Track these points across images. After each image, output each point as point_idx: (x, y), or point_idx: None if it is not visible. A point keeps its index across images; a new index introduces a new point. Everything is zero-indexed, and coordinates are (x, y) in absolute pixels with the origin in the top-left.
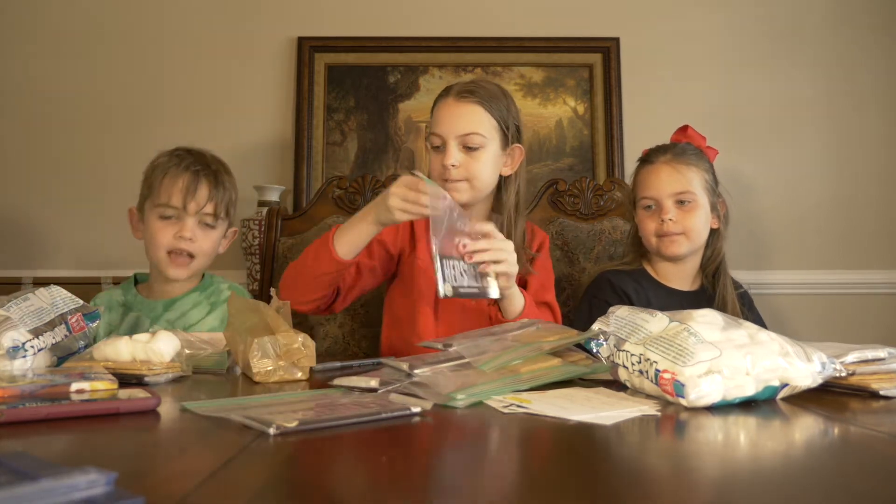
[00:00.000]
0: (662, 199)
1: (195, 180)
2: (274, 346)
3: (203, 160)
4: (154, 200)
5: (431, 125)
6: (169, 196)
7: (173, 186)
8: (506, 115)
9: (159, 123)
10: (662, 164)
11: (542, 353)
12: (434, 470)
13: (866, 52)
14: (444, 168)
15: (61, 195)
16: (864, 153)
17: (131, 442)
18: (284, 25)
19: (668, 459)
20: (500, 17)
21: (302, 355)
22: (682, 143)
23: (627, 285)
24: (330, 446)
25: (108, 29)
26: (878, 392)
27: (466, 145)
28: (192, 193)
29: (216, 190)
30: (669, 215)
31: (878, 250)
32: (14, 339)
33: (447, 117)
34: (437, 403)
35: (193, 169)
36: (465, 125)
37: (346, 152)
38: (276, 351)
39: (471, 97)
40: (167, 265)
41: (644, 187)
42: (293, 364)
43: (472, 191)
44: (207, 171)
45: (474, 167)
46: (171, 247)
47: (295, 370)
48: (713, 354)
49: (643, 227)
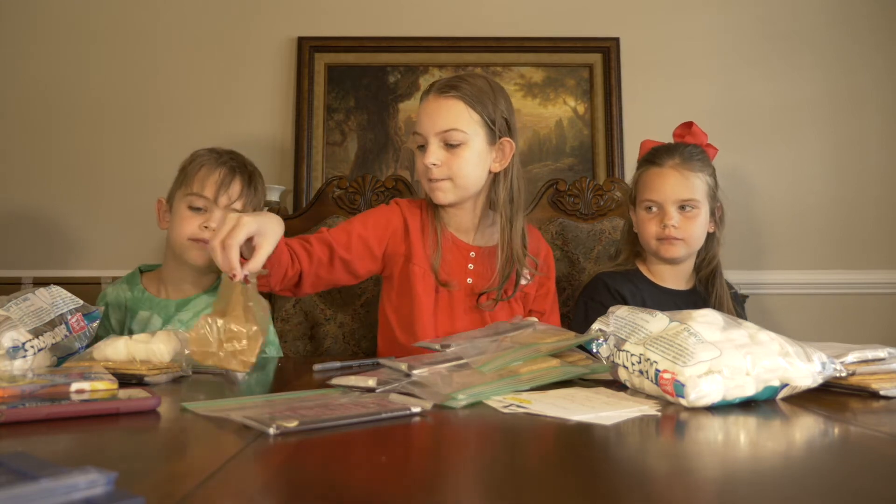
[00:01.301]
0: (667, 204)
1: (231, 175)
2: (218, 329)
3: (241, 160)
4: (186, 189)
5: (415, 124)
6: (202, 187)
7: (208, 178)
8: (491, 109)
9: (159, 123)
10: (670, 169)
11: (540, 354)
12: (434, 470)
13: (866, 52)
14: (426, 167)
15: (61, 195)
16: (864, 153)
17: (131, 442)
18: (284, 25)
19: (668, 459)
20: (500, 17)
21: (243, 347)
22: (689, 147)
23: (623, 286)
24: (330, 446)
25: (107, 29)
26: (878, 392)
27: (447, 142)
28: (226, 187)
29: (249, 189)
30: (673, 221)
31: (877, 250)
32: (14, 339)
33: (427, 114)
34: (437, 403)
35: (230, 165)
36: (445, 121)
37: (346, 152)
38: (219, 335)
39: (451, 92)
40: (188, 249)
41: (649, 189)
42: (232, 354)
43: (456, 190)
44: (243, 170)
45: (456, 165)
46: (195, 235)
47: (231, 360)
48: (713, 354)
49: (644, 229)
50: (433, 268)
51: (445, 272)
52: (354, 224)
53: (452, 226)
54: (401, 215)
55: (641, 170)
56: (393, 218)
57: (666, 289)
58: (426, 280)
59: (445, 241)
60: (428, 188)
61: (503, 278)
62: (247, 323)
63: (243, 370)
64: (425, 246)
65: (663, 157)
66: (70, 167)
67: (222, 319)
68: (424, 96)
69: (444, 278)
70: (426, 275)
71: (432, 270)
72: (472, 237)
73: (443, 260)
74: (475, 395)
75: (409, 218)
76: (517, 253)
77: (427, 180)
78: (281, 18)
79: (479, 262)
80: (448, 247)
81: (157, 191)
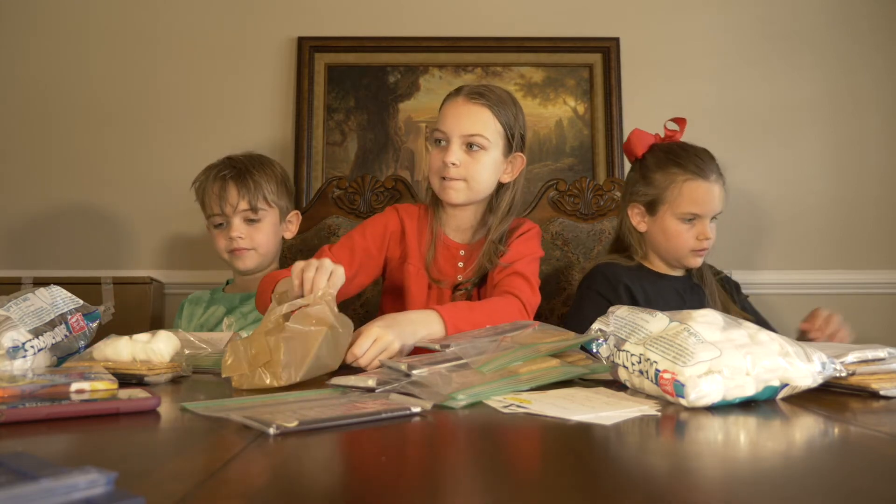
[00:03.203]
0: (707, 217)
1: (223, 185)
2: (246, 349)
3: (230, 163)
4: (206, 214)
5: (437, 122)
6: (211, 207)
7: (210, 197)
8: (513, 122)
9: (159, 123)
10: (714, 184)
11: (539, 354)
12: (434, 470)
13: (866, 52)
14: (444, 165)
15: (61, 195)
16: (864, 153)
17: (131, 442)
18: (284, 25)
19: (668, 459)
20: (500, 17)
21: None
22: (713, 157)
23: (621, 274)
24: (330, 446)
25: (107, 29)
26: (878, 392)
27: (469, 145)
28: (224, 199)
29: (244, 188)
30: (709, 234)
31: (877, 250)
32: (14, 339)
33: (454, 115)
34: (437, 403)
35: (220, 175)
36: (471, 126)
37: (346, 152)
38: (248, 355)
39: (480, 99)
40: (231, 261)
41: (693, 203)
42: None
43: (468, 191)
44: (233, 173)
45: (474, 168)
46: (229, 248)
47: (264, 375)
48: (713, 354)
49: (678, 238)
50: (426, 266)
51: (438, 270)
52: (355, 237)
53: (450, 226)
54: (398, 219)
55: (682, 178)
56: (390, 223)
57: (662, 274)
58: (419, 278)
59: (439, 241)
60: (439, 185)
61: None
62: (266, 338)
63: (280, 383)
64: (420, 246)
65: (708, 171)
66: (70, 167)
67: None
68: (451, 98)
69: (437, 276)
70: (419, 273)
71: (426, 269)
72: (463, 237)
73: (435, 259)
74: (475, 395)
75: (406, 221)
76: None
77: (440, 178)
78: (281, 18)
79: (468, 259)
80: (441, 247)
81: (157, 190)
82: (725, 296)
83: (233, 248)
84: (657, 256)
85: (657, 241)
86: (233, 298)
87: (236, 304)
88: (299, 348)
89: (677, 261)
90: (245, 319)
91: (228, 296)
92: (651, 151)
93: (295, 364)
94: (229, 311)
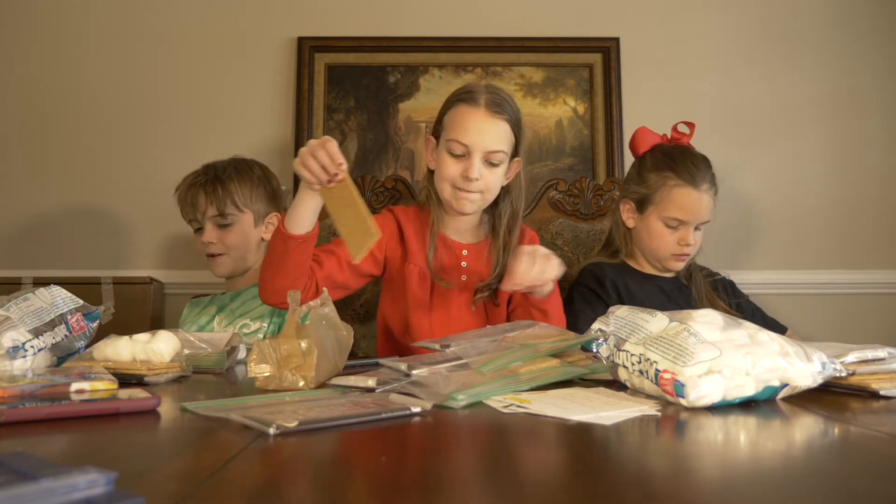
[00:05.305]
0: (691, 225)
1: (193, 193)
2: (275, 350)
3: (204, 171)
4: (185, 220)
5: (454, 130)
6: (186, 214)
7: (184, 204)
8: (519, 131)
9: (159, 123)
10: (704, 193)
11: (539, 354)
12: (434, 470)
13: (866, 52)
14: (464, 179)
15: (61, 195)
16: (864, 153)
17: (131, 442)
18: (284, 25)
19: (668, 459)
20: (500, 17)
21: (301, 362)
22: (710, 166)
23: (607, 270)
24: (330, 446)
25: (107, 29)
26: (878, 392)
27: (490, 161)
28: (194, 206)
29: (212, 194)
30: (692, 241)
31: (877, 250)
32: (14, 339)
33: (477, 130)
34: (437, 403)
35: (190, 183)
36: (495, 142)
37: (346, 152)
38: (276, 357)
39: (501, 114)
40: (209, 266)
41: (680, 208)
42: (292, 371)
43: (482, 202)
44: (202, 181)
45: (490, 181)
46: (204, 253)
47: (297, 379)
48: (713, 354)
49: (661, 241)
50: (429, 266)
51: (441, 270)
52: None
53: (450, 227)
54: (394, 220)
55: (672, 183)
56: (387, 224)
57: (648, 275)
58: (422, 278)
59: (439, 241)
60: (453, 195)
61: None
62: (297, 340)
63: (309, 386)
64: (422, 247)
65: (700, 180)
66: (70, 167)
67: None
68: (466, 105)
69: (440, 276)
70: (422, 273)
71: (428, 269)
72: (464, 237)
73: (438, 260)
74: (475, 396)
75: (403, 222)
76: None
77: (456, 189)
78: (281, 18)
79: (472, 258)
80: (442, 247)
81: (157, 190)
82: (714, 296)
83: (206, 253)
84: (642, 255)
85: (641, 239)
86: (224, 298)
87: (227, 302)
88: (327, 352)
89: (658, 262)
90: (233, 315)
91: (222, 297)
92: (652, 151)
93: (323, 368)
94: (220, 310)
